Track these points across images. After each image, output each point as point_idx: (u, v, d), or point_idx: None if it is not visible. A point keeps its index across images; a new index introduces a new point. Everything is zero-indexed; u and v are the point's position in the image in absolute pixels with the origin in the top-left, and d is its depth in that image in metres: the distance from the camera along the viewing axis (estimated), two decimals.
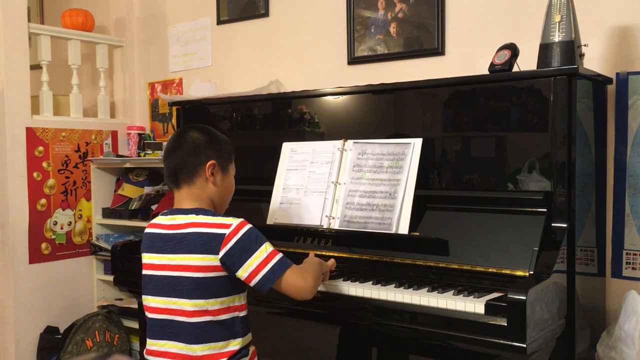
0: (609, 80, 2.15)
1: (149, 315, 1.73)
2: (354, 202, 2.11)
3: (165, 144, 1.85)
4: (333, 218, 2.14)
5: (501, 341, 1.57)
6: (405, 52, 2.70)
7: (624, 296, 2.02)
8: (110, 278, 2.83)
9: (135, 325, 3.30)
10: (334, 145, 2.23)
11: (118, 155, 3.57)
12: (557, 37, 1.92)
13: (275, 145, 2.40)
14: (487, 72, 2.01)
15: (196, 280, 1.63)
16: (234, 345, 1.67)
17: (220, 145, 1.80)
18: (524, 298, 1.53)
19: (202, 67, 3.45)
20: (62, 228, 3.41)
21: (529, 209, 1.84)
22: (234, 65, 3.32)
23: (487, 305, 1.62)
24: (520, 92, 1.91)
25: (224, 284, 1.65)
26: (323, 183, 2.20)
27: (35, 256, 3.27)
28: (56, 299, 3.38)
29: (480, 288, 1.76)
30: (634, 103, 2.17)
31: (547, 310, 1.67)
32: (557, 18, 1.92)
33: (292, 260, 1.70)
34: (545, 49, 1.95)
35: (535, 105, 1.88)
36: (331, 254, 2.07)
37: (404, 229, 1.97)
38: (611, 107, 2.20)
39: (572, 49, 1.90)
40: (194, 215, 1.69)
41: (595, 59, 2.19)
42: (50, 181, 3.35)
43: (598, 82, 2.08)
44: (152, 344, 1.72)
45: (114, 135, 3.68)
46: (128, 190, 3.49)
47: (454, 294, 1.71)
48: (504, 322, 1.57)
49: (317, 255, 1.93)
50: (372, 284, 1.87)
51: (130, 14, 3.78)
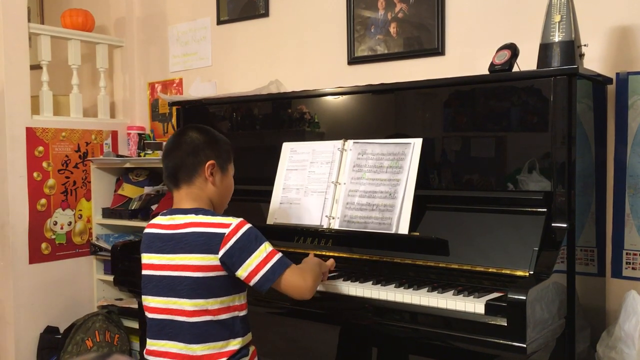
0: (609, 80, 2.15)
1: (149, 315, 1.73)
2: (354, 202, 2.11)
3: (165, 144, 1.86)
4: (333, 218, 2.14)
5: (501, 341, 1.57)
6: (405, 52, 2.70)
7: (624, 296, 2.02)
8: (110, 278, 2.83)
9: (135, 325, 3.29)
10: (334, 145, 2.23)
11: (118, 155, 3.57)
12: (557, 37, 1.92)
13: (275, 145, 2.40)
14: (487, 72, 2.01)
15: (196, 280, 1.63)
16: (234, 345, 1.67)
17: (219, 145, 1.80)
18: (524, 298, 1.53)
19: (202, 67, 3.45)
20: (62, 228, 3.41)
21: (529, 209, 1.84)
22: (234, 65, 3.32)
23: (487, 305, 1.62)
24: (520, 92, 1.91)
25: (224, 283, 1.65)
26: (323, 183, 2.20)
27: (35, 256, 3.27)
28: (56, 299, 3.38)
29: (480, 288, 1.76)
30: (634, 103, 2.17)
31: (547, 310, 1.67)
32: (557, 18, 1.92)
33: (292, 261, 1.71)
34: (545, 49, 1.95)
35: (535, 105, 1.88)
36: (331, 254, 2.07)
37: (404, 229, 1.97)
38: (611, 107, 2.20)
39: (572, 49, 1.90)
40: (193, 215, 1.69)
41: (595, 59, 2.19)
42: (50, 181, 3.35)
43: (598, 82, 2.08)
44: (152, 344, 1.72)
45: (114, 135, 3.68)
46: (128, 190, 3.49)
47: (454, 294, 1.71)
48: (504, 322, 1.57)
49: (317, 255, 1.93)
50: (372, 284, 1.87)
51: (130, 14, 3.78)
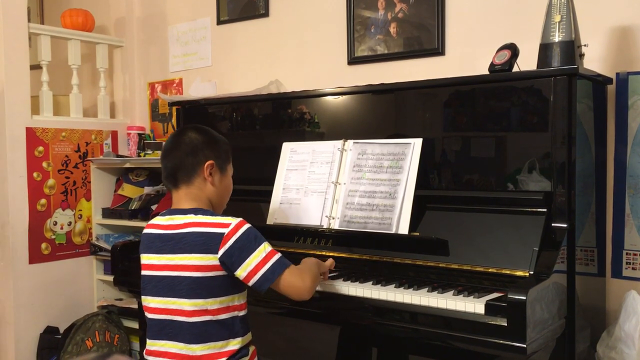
0: (609, 80, 2.15)
1: (149, 315, 1.73)
2: (354, 202, 2.11)
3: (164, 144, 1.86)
4: (333, 218, 2.13)
5: (501, 341, 1.56)
6: (405, 52, 2.70)
7: (624, 296, 2.02)
8: (110, 278, 2.83)
9: (135, 325, 3.29)
10: (334, 145, 2.22)
11: (118, 155, 3.57)
12: (557, 37, 1.92)
13: (275, 145, 2.39)
14: (487, 72, 2.00)
15: (195, 279, 1.63)
16: (234, 344, 1.67)
17: (218, 146, 1.80)
18: (524, 298, 1.53)
19: (202, 67, 3.45)
20: (62, 228, 3.41)
21: (529, 209, 1.84)
22: (234, 65, 3.32)
23: (487, 306, 1.61)
24: (520, 92, 1.91)
25: (223, 283, 1.65)
26: (323, 183, 2.20)
27: (35, 256, 3.27)
28: (56, 299, 3.38)
29: (480, 288, 1.76)
30: (634, 103, 2.17)
31: (547, 311, 1.67)
32: (557, 18, 1.92)
33: (292, 261, 1.70)
34: (545, 49, 1.95)
35: (535, 105, 1.88)
36: (331, 254, 2.07)
37: (404, 229, 1.96)
38: (611, 107, 2.20)
39: (572, 49, 1.90)
40: (192, 215, 1.69)
41: (595, 59, 2.19)
42: (50, 181, 3.35)
43: (598, 82, 2.07)
44: (152, 344, 1.72)
45: (114, 135, 3.68)
46: (128, 190, 3.49)
47: (454, 294, 1.71)
48: (504, 322, 1.57)
49: (317, 256, 1.93)
50: (372, 284, 1.87)
51: (130, 14, 3.78)
